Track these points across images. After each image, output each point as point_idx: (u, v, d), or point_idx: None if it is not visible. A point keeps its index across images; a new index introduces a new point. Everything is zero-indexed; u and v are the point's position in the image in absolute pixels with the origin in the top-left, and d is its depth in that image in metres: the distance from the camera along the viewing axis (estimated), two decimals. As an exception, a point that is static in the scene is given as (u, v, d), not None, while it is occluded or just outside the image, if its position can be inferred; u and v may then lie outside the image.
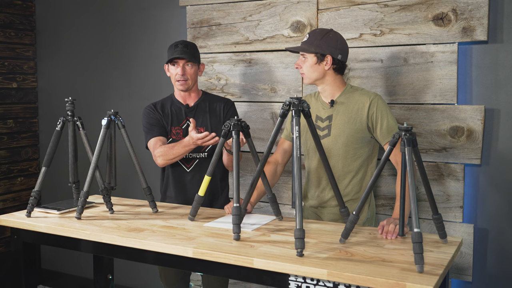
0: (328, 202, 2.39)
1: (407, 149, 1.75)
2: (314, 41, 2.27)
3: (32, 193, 2.34)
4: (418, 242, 1.62)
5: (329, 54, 2.27)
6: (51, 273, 4.05)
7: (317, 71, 2.29)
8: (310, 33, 2.32)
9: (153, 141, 2.57)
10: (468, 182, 2.57)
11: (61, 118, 2.42)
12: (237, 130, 2.05)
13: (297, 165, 1.82)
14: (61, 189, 3.56)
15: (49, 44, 3.90)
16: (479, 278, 2.58)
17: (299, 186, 1.79)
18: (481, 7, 2.44)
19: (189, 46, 2.59)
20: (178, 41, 2.64)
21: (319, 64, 2.28)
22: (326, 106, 2.36)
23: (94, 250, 2.21)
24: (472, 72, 2.53)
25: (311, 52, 2.27)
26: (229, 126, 2.07)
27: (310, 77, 2.32)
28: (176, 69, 2.56)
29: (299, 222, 1.75)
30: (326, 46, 2.27)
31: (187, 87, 2.59)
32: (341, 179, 2.33)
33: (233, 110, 2.67)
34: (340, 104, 2.33)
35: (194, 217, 2.24)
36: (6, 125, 3.82)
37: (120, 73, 3.60)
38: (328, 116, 2.35)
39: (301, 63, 2.31)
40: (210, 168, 2.18)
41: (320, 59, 2.28)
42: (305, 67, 2.30)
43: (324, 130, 2.35)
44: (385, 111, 2.27)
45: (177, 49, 2.55)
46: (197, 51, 2.64)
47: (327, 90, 2.35)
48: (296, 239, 1.75)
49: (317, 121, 2.37)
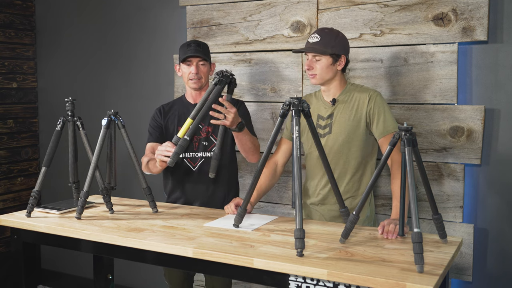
0: (328, 199, 2.39)
1: (407, 149, 1.75)
2: (329, 42, 2.27)
3: (32, 193, 2.34)
4: (418, 242, 1.62)
5: (344, 54, 2.30)
6: (51, 273, 4.05)
7: (331, 71, 2.30)
8: (320, 33, 2.30)
9: (147, 147, 2.64)
10: (468, 182, 2.57)
11: (61, 118, 2.42)
12: (223, 82, 2.22)
13: (297, 165, 1.82)
14: (61, 189, 3.55)
15: (49, 44, 3.90)
16: (479, 278, 2.58)
17: (299, 186, 1.79)
18: (481, 7, 2.44)
19: (202, 45, 2.60)
20: (190, 40, 2.65)
21: (334, 65, 2.30)
22: (328, 104, 2.37)
23: (94, 250, 2.21)
24: (472, 72, 2.53)
25: (328, 54, 2.27)
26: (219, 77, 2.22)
27: (324, 78, 2.32)
28: (190, 68, 2.56)
29: (299, 222, 1.75)
30: (342, 47, 2.29)
31: (200, 85, 2.59)
32: (342, 176, 2.34)
33: (242, 109, 2.63)
34: (341, 102, 2.34)
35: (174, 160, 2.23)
36: (6, 125, 3.82)
37: (120, 73, 3.60)
38: (329, 115, 2.36)
39: (313, 64, 2.30)
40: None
41: (335, 59, 2.29)
42: (319, 68, 2.29)
43: (326, 128, 2.36)
44: (382, 107, 2.28)
45: (190, 48, 2.55)
46: (208, 50, 2.65)
47: (331, 89, 2.36)
48: (296, 239, 1.75)
49: (319, 120, 2.38)
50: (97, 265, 2.68)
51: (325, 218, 2.41)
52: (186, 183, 2.63)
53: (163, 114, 2.67)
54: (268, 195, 3.03)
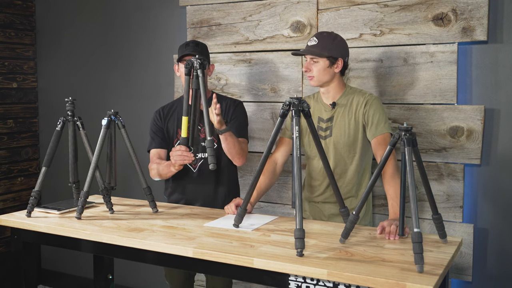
0: (330, 198, 2.41)
1: (407, 149, 1.75)
2: (326, 45, 2.29)
3: (32, 193, 2.34)
4: (418, 242, 1.62)
5: (340, 57, 2.32)
6: (51, 273, 4.05)
7: (328, 74, 2.32)
8: (318, 36, 2.33)
9: (152, 153, 2.64)
10: (468, 182, 2.57)
11: (61, 118, 2.42)
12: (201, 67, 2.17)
13: (297, 165, 1.83)
14: (61, 189, 3.55)
15: (49, 44, 3.90)
16: (479, 278, 2.58)
17: (299, 186, 1.79)
18: (481, 7, 2.44)
19: (200, 45, 2.59)
20: (189, 40, 2.65)
21: (331, 68, 2.31)
22: (328, 108, 2.38)
23: (94, 250, 2.21)
24: (472, 72, 2.53)
25: (324, 56, 2.29)
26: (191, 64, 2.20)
27: (321, 80, 2.34)
28: None
29: (299, 222, 1.75)
30: (339, 50, 2.31)
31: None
32: (343, 177, 2.37)
33: (238, 110, 2.63)
34: (341, 106, 2.36)
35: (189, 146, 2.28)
36: (6, 125, 3.82)
37: (120, 73, 3.60)
38: (329, 118, 2.38)
39: (310, 67, 2.32)
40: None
41: (332, 62, 2.31)
42: (316, 70, 2.32)
43: (327, 130, 2.38)
44: (377, 111, 2.30)
45: (189, 47, 2.55)
46: (207, 51, 2.64)
47: (330, 91, 2.38)
48: (296, 239, 1.75)
49: (320, 122, 2.40)
50: (97, 265, 2.68)
51: (325, 216, 2.42)
52: (187, 184, 2.63)
53: (162, 117, 2.66)
54: (268, 195, 3.04)
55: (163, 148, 2.64)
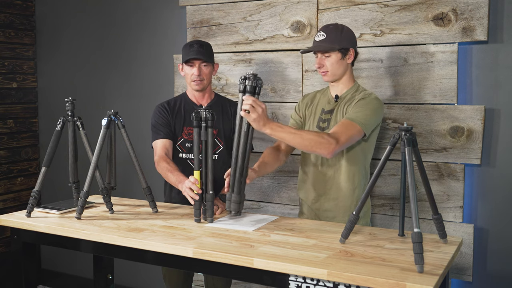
0: (325, 213, 2.38)
1: (407, 149, 1.75)
2: (335, 38, 2.27)
3: (32, 193, 2.34)
4: (418, 242, 1.62)
5: (352, 47, 2.30)
6: (51, 273, 4.05)
7: (342, 66, 2.31)
8: (325, 30, 2.30)
9: (158, 144, 2.55)
10: (468, 182, 2.57)
11: (61, 118, 2.42)
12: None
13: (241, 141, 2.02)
14: (61, 189, 3.55)
15: (49, 44, 3.90)
16: (479, 278, 2.58)
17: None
18: (481, 7, 2.44)
19: (204, 46, 2.57)
20: (193, 40, 2.63)
21: (343, 59, 2.30)
22: (332, 100, 2.37)
23: (94, 250, 2.21)
24: (472, 72, 2.53)
25: (337, 49, 2.27)
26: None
27: (336, 74, 2.32)
28: (192, 70, 2.54)
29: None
30: (349, 40, 2.30)
31: (202, 87, 2.58)
32: (337, 175, 2.33)
33: None
34: (343, 100, 2.34)
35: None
36: (6, 125, 3.82)
37: (120, 73, 3.60)
38: (330, 110, 2.36)
39: (323, 62, 2.30)
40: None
41: (344, 54, 2.29)
42: (329, 65, 2.29)
43: (325, 122, 2.36)
44: (365, 104, 2.24)
45: (193, 49, 2.53)
46: (211, 51, 2.62)
47: (340, 84, 2.36)
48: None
49: (322, 114, 2.39)
50: (97, 265, 2.68)
51: (318, 216, 2.41)
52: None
53: (169, 111, 2.61)
54: (268, 195, 3.04)
55: (169, 139, 2.57)
